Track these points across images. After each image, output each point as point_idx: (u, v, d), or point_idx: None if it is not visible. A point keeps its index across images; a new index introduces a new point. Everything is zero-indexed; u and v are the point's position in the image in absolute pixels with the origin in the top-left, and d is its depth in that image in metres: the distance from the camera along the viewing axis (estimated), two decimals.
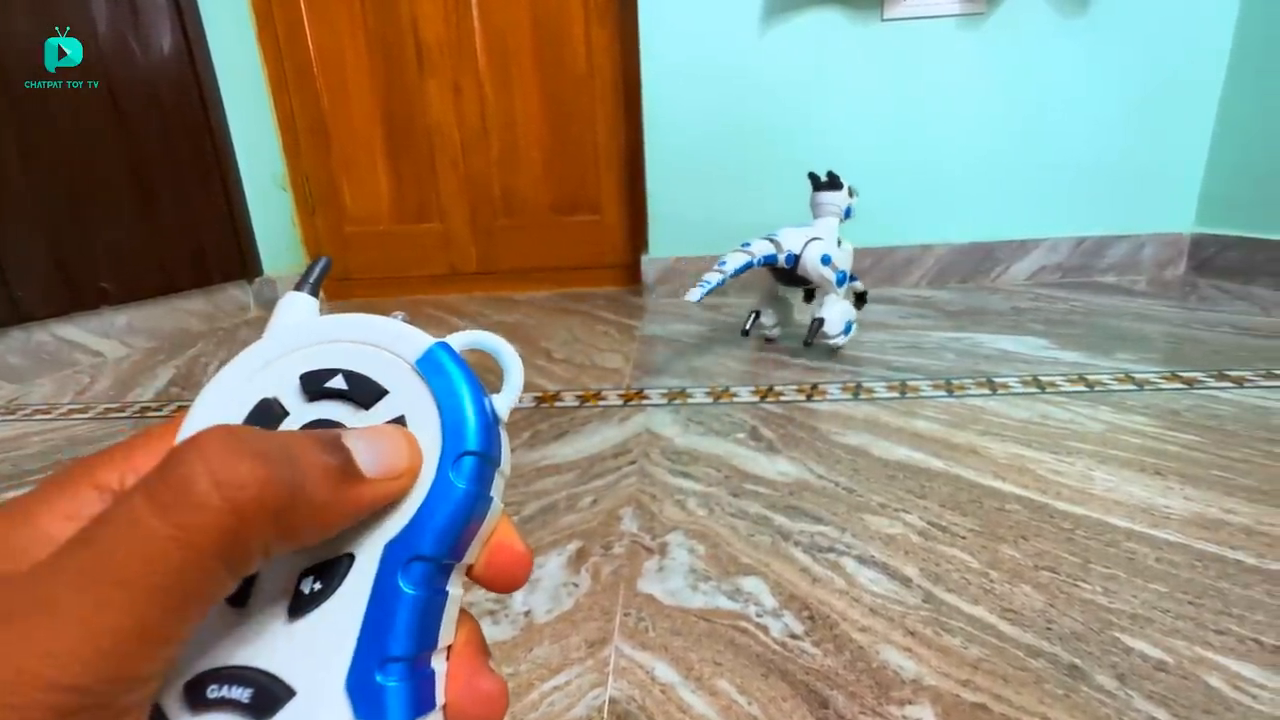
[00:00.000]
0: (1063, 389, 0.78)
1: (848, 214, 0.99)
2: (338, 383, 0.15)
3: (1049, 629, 0.38)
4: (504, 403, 0.16)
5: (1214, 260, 1.40)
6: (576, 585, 0.44)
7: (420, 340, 0.15)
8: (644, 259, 1.50)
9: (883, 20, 1.34)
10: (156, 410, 0.88)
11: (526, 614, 0.42)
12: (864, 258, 1.47)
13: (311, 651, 0.13)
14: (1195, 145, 1.41)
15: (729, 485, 0.58)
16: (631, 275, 1.63)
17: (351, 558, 0.13)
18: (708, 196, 1.46)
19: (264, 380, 0.15)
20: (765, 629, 0.39)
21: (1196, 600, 0.40)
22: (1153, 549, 0.46)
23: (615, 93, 1.52)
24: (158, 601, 0.10)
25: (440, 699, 0.13)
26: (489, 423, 0.15)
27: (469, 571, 0.15)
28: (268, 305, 1.51)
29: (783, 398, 0.80)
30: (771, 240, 0.91)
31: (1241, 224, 1.36)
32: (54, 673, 0.09)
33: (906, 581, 0.43)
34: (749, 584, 0.44)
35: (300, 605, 0.13)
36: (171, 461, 0.10)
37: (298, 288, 0.18)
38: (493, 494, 0.15)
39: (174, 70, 1.31)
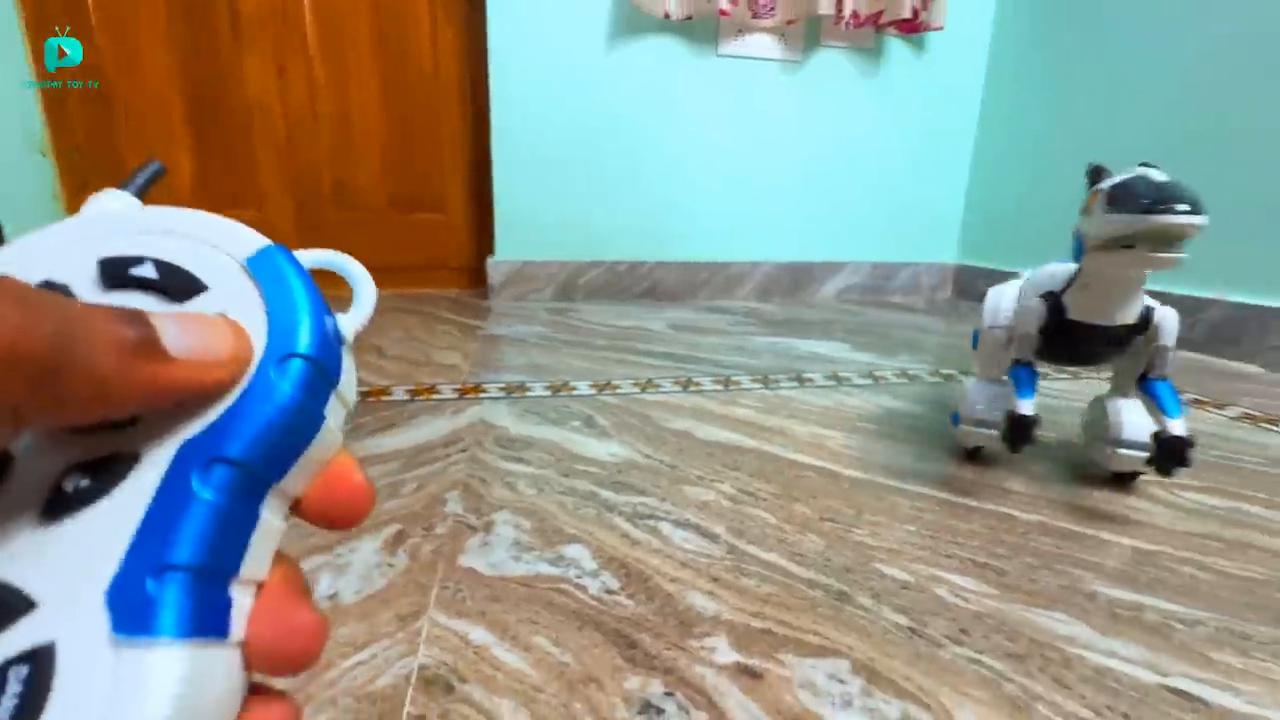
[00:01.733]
0: (855, 382, 0.91)
1: (1075, 249, 0.52)
2: (146, 270, 0.12)
3: (826, 565, 0.44)
4: (350, 323, 0.14)
5: (971, 286, 1.71)
6: (392, 565, 0.42)
7: (254, 240, 0.13)
8: (490, 261, 1.48)
9: (718, 55, 1.47)
10: None
11: (332, 597, 0.39)
12: (700, 271, 1.59)
13: (67, 559, 0.10)
14: (955, 192, 1.73)
15: (560, 467, 0.59)
16: (477, 278, 1.59)
17: (136, 457, 0.11)
18: (557, 200, 1.48)
19: (53, 263, 0.12)
20: (584, 588, 0.41)
21: (935, 535, 0.49)
22: (909, 500, 0.55)
23: (462, 92, 1.49)
24: None
25: (237, 633, 0.11)
26: (326, 334, 0.13)
27: (297, 508, 0.13)
28: None
29: (619, 390, 0.83)
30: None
31: (989, 258, 1.68)
32: None
33: (715, 538, 0.48)
34: (571, 550, 0.45)
35: (60, 505, 0.11)
36: None
37: (120, 187, 0.15)
38: (327, 414, 0.13)
39: None
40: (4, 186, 1.21)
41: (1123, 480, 0.59)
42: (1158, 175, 0.45)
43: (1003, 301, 0.61)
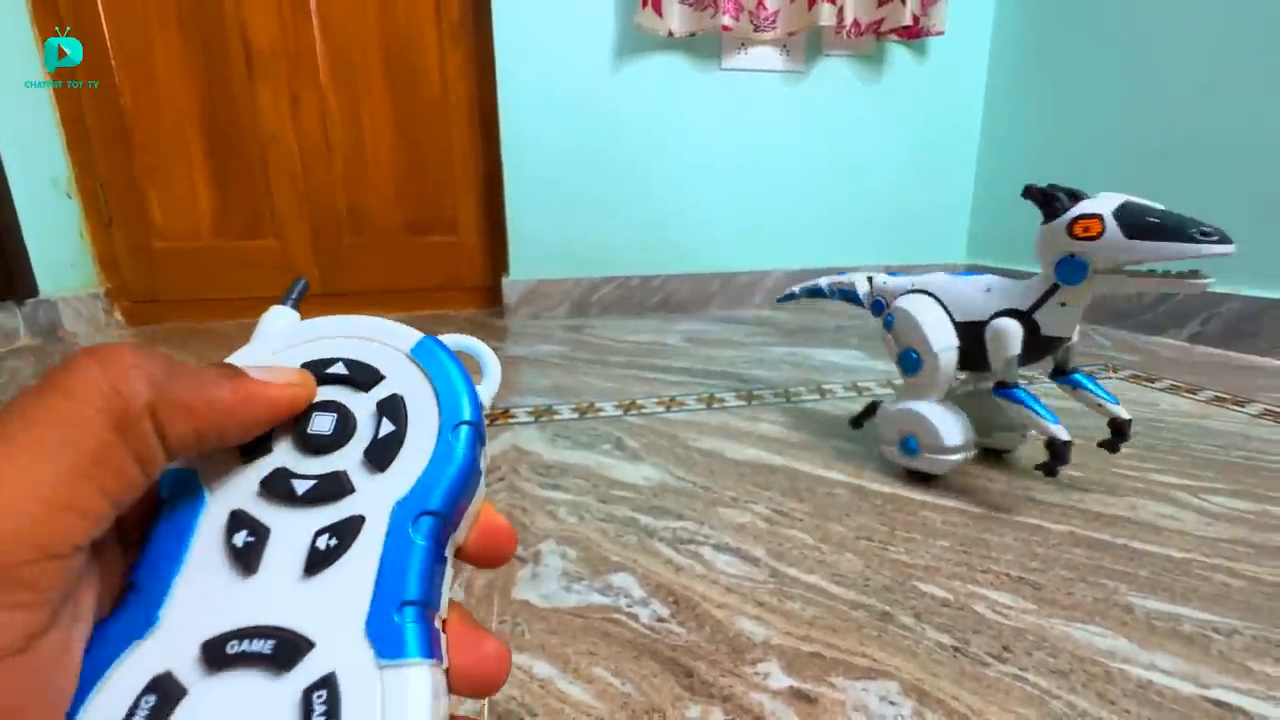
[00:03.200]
0: (875, 392, 0.92)
1: (1071, 270, 0.52)
2: (338, 369, 0.16)
3: (866, 585, 0.46)
4: (485, 393, 0.18)
5: None
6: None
7: (411, 334, 0.17)
8: (505, 281, 1.50)
9: (721, 69, 1.49)
10: None
11: None
12: (711, 282, 1.61)
13: (329, 604, 0.13)
14: (962, 192, 1.74)
15: (597, 493, 0.61)
16: (492, 297, 1.61)
17: (363, 518, 0.14)
18: (569, 219, 1.50)
19: None
20: (635, 617, 0.43)
21: (969, 550, 0.50)
22: (939, 514, 0.56)
23: (471, 114, 1.52)
24: (62, 461, 0.11)
25: (445, 659, 0.14)
26: (479, 401, 0.16)
27: (459, 554, 0.16)
28: (43, 332, 1.27)
29: (644, 410, 0.85)
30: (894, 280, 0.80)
31: (997, 256, 1.69)
32: None
33: (756, 561, 0.49)
34: (619, 579, 0.47)
35: (316, 562, 0.13)
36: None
37: (280, 303, 0.19)
38: (483, 468, 0.16)
39: None
40: (36, 229, 1.24)
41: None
42: (1157, 204, 0.49)
43: (942, 324, 0.61)
